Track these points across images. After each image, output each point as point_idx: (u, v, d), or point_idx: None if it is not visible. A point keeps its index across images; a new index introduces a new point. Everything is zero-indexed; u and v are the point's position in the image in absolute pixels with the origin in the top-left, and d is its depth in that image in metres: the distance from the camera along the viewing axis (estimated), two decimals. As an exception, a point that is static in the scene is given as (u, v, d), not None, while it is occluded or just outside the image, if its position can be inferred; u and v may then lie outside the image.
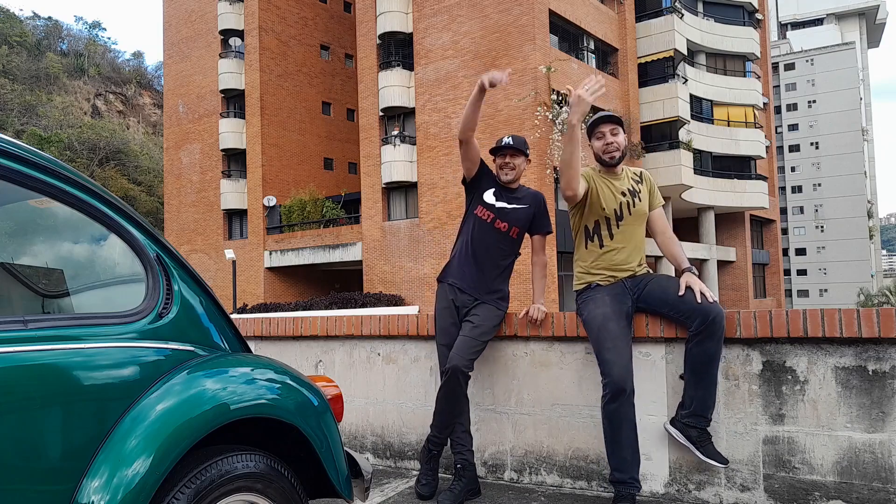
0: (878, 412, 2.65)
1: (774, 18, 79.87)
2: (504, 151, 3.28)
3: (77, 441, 1.50)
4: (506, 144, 3.29)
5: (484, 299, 3.22)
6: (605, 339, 2.87)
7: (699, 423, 2.87)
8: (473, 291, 3.23)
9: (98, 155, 56.13)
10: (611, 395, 2.82)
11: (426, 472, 3.26)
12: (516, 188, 3.33)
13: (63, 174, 1.65)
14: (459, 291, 3.23)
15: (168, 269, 1.84)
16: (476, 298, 3.22)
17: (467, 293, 3.23)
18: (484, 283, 3.23)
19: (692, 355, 2.83)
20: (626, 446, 2.85)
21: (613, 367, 2.81)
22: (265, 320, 4.39)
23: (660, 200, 3.22)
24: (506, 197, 3.29)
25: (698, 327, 2.78)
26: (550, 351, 3.35)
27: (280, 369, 1.97)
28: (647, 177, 3.23)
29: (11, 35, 65.28)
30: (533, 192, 3.40)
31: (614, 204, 3.07)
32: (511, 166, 3.27)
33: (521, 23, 22.01)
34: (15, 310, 1.59)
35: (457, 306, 3.23)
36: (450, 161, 23.03)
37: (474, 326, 3.16)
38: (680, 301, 2.86)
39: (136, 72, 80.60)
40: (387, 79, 24.97)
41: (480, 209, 3.27)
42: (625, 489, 2.86)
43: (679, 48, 27.45)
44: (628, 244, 3.06)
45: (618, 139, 3.08)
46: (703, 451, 2.86)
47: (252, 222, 30.27)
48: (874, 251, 75.90)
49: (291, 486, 1.87)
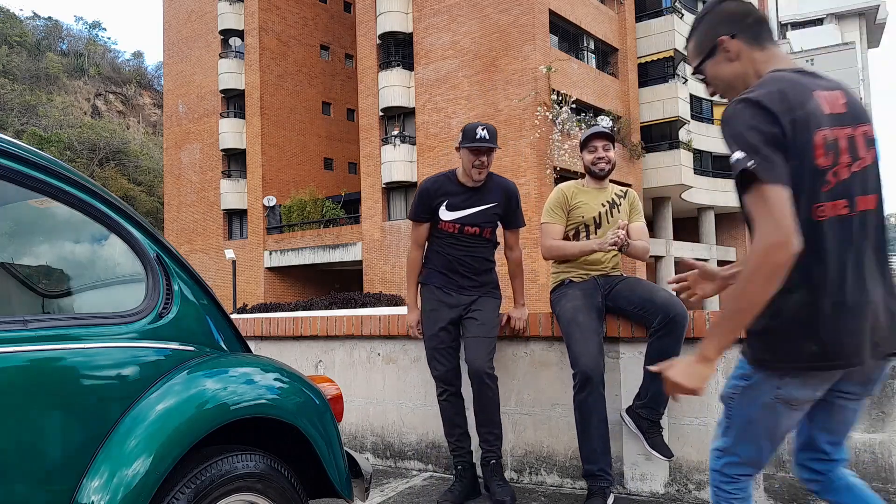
0: (878, 412, 2.65)
1: (774, 18, 79.82)
2: (480, 149, 3.03)
3: (77, 441, 1.50)
4: (481, 138, 3.01)
5: (479, 293, 3.18)
6: (574, 330, 2.93)
7: (651, 416, 2.96)
8: (467, 292, 3.17)
9: (98, 155, 56.12)
10: (579, 384, 2.88)
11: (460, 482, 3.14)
12: (483, 183, 3.14)
13: (63, 174, 1.65)
14: (450, 293, 3.14)
15: (168, 269, 1.84)
16: (471, 295, 3.16)
17: (457, 294, 3.15)
18: (475, 283, 3.18)
19: (652, 350, 2.90)
20: (595, 437, 2.89)
21: (581, 356, 2.86)
22: (265, 320, 4.39)
23: (640, 217, 3.27)
24: (468, 201, 3.11)
25: (659, 324, 2.86)
26: (550, 351, 3.35)
27: (280, 369, 1.97)
28: (632, 196, 3.30)
29: (11, 35, 65.27)
30: (504, 183, 3.21)
31: (594, 212, 3.18)
32: (485, 165, 3.06)
33: (521, 23, 22.01)
34: (15, 310, 1.59)
35: (449, 306, 3.13)
36: (450, 161, 23.02)
37: (481, 324, 3.06)
38: (645, 300, 2.93)
39: (136, 72, 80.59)
40: (387, 79, 24.97)
41: (443, 224, 3.13)
42: (595, 483, 2.89)
43: (679, 48, 27.42)
44: None
45: (609, 154, 3.18)
46: (651, 442, 2.94)
47: (252, 222, 30.28)
48: (874, 251, 75.78)
49: (291, 486, 1.87)
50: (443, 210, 3.12)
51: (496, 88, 22.46)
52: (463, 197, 3.13)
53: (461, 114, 23.17)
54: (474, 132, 3.04)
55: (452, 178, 3.18)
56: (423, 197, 3.16)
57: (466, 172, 3.12)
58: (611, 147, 3.19)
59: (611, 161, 3.18)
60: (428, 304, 3.19)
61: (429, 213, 3.16)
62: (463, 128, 3.11)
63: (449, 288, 3.15)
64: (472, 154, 3.05)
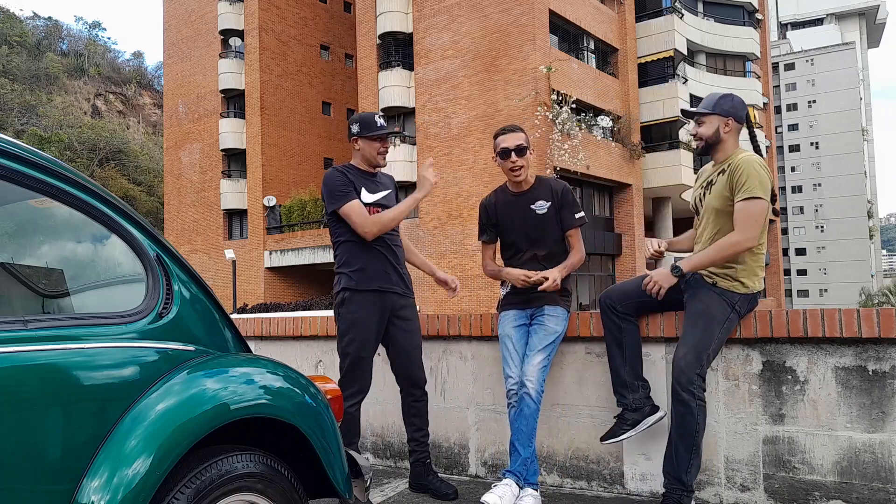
0: (878, 412, 2.65)
1: (774, 18, 79.82)
2: (386, 136, 3.14)
3: (77, 441, 1.50)
4: (381, 128, 3.11)
5: (409, 294, 3.20)
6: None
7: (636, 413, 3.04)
8: (404, 289, 3.18)
9: (98, 155, 56.13)
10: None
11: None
12: (376, 173, 3.21)
13: (63, 174, 1.65)
14: (389, 295, 3.10)
15: (168, 269, 1.84)
16: (406, 296, 3.18)
17: (397, 293, 3.14)
18: (403, 279, 3.19)
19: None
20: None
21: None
22: (265, 320, 4.39)
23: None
24: (374, 186, 3.15)
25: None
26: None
27: (280, 369, 1.97)
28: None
29: (11, 35, 65.27)
30: (386, 174, 3.31)
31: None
32: (387, 151, 3.18)
33: (521, 23, 22.00)
34: (15, 310, 1.59)
35: (384, 309, 3.10)
36: (450, 161, 23.04)
37: (413, 334, 3.20)
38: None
39: (136, 72, 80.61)
40: (387, 79, 24.96)
41: (368, 209, 3.08)
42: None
43: (679, 48, 27.44)
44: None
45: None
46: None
47: (252, 222, 30.27)
48: (874, 251, 75.87)
49: (291, 486, 1.87)
50: (364, 194, 3.11)
51: (496, 88, 22.46)
52: (370, 183, 3.17)
53: (461, 114, 23.17)
54: (375, 120, 3.13)
55: (355, 168, 3.18)
56: (344, 188, 3.10)
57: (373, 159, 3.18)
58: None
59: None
60: (364, 310, 3.09)
61: (352, 195, 3.08)
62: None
63: (390, 286, 3.15)
64: (377, 140, 3.13)
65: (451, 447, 3.65)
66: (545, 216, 3.15)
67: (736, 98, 2.91)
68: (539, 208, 3.15)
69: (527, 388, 2.88)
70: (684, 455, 2.71)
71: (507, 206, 3.23)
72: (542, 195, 3.18)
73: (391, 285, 3.10)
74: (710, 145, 2.90)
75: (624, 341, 2.97)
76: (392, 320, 3.14)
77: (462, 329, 3.60)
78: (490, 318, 3.50)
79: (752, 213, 2.68)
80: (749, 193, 2.68)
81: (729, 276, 2.78)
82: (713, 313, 2.73)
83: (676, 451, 2.73)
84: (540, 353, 2.95)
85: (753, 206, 2.68)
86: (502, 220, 3.24)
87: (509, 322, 3.14)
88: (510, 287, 3.21)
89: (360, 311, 3.04)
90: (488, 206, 3.30)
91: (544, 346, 2.97)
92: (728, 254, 2.71)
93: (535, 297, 3.12)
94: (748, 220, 2.68)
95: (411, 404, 3.22)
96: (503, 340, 3.11)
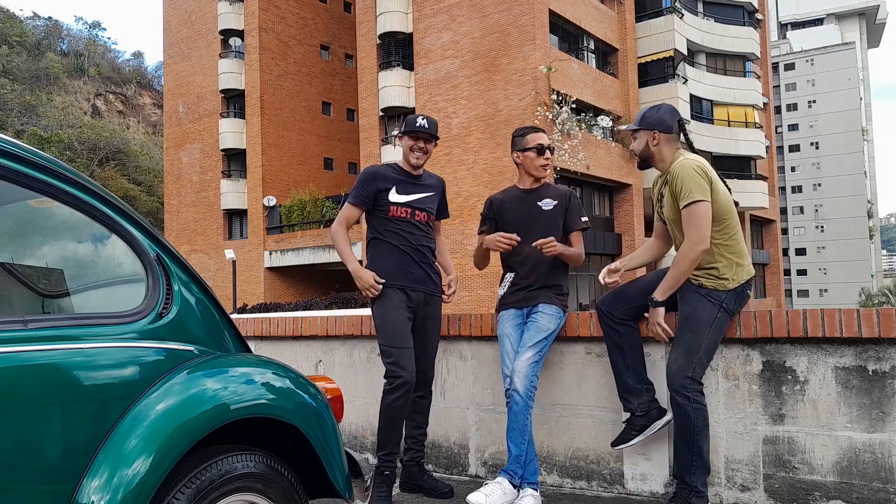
0: (878, 412, 2.65)
1: (774, 18, 79.82)
2: (419, 135, 3.18)
3: (77, 441, 1.50)
4: (420, 127, 3.17)
5: (436, 292, 3.24)
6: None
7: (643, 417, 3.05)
8: (429, 287, 3.21)
9: (98, 155, 56.13)
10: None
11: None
12: (420, 174, 3.27)
13: (63, 174, 1.65)
14: (413, 292, 3.16)
15: (168, 269, 1.84)
16: (431, 293, 3.22)
17: (422, 291, 3.18)
18: (431, 277, 3.23)
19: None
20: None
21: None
22: (265, 320, 4.39)
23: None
24: (412, 188, 3.22)
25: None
26: (550, 351, 3.35)
27: (280, 369, 1.97)
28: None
29: (11, 35, 65.27)
30: (436, 176, 3.40)
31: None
32: (424, 150, 3.20)
33: (521, 23, 22.00)
34: (15, 310, 1.59)
35: (410, 307, 3.15)
36: (450, 161, 23.03)
37: (432, 333, 3.25)
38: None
39: (136, 72, 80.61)
40: (387, 79, 24.96)
41: (395, 209, 3.18)
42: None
43: (679, 48, 27.44)
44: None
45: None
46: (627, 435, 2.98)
47: (252, 222, 30.27)
48: (874, 251, 75.88)
49: (291, 486, 1.87)
50: (392, 193, 3.23)
51: (496, 88, 22.45)
52: (409, 185, 3.26)
53: (461, 114, 23.17)
54: (415, 120, 3.20)
55: (396, 167, 3.32)
56: (373, 183, 3.26)
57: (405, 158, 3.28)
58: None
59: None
60: (392, 303, 3.19)
61: (376, 195, 3.24)
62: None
63: (415, 284, 3.23)
64: (409, 138, 3.22)
65: (451, 447, 3.65)
66: (550, 213, 3.21)
67: (663, 108, 2.97)
68: (546, 205, 3.22)
69: (514, 384, 2.91)
70: (686, 456, 2.73)
71: (514, 201, 3.29)
72: (550, 195, 3.26)
73: (415, 283, 3.17)
74: (643, 159, 3.03)
75: (624, 346, 2.98)
76: (419, 316, 3.21)
77: (462, 329, 3.60)
78: (490, 318, 3.50)
79: (695, 218, 2.73)
80: (688, 199, 2.74)
81: (712, 276, 2.80)
82: (700, 316, 2.76)
83: (679, 453, 2.76)
84: (530, 349, 2.97)
85: (694, 211, 2.74)
86: (506, 214, 3.28)
87: (508, 321, 3.16)
88: (508, 286, 3.23)
89: (387, 305, 3.13)
90: (494, 200, 3.38)
91: (535, 343, 2.99)
92: (687, 264, 2.77)
93: (531, 294, 3.14)
94: (692, 226, 2.74)
95: (416, 401, 3.22)
96: (502, 340, 3.13)
